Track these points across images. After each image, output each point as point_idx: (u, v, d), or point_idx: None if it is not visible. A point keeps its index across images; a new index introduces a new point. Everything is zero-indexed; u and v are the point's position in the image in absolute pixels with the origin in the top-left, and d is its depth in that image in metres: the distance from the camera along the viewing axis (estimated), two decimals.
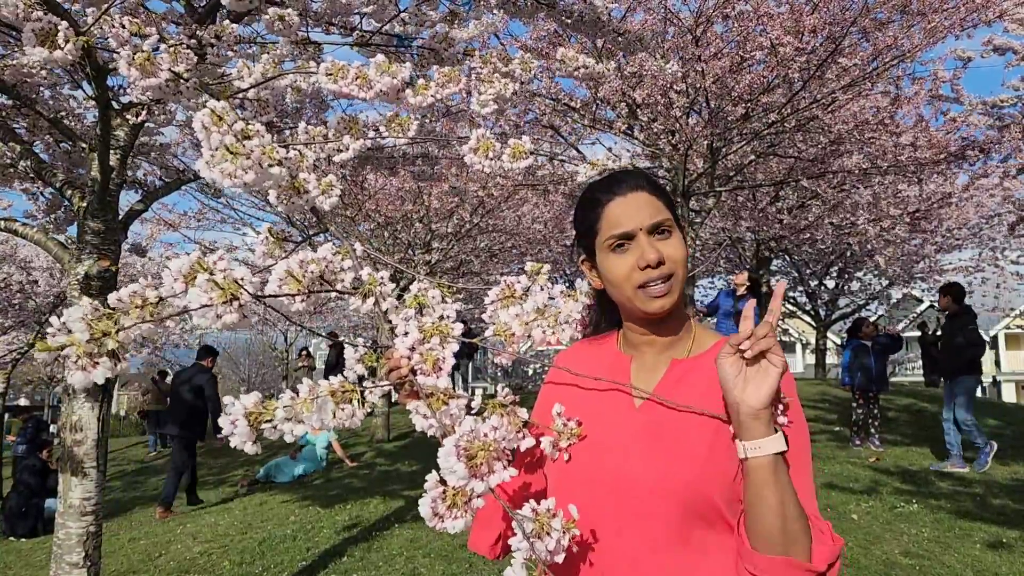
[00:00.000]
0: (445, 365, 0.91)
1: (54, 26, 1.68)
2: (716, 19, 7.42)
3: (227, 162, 0.93)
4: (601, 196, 1.19)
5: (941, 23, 6.89)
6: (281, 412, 0.84)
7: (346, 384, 0.88)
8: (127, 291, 0.85)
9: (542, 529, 0.87)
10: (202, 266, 0.86)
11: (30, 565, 6.18)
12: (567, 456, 1.17)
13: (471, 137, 1.21)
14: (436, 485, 0.86)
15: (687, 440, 1.09)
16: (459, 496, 0.84)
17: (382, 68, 1.16)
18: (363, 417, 0.89)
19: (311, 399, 0.85)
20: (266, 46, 2.65)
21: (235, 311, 0.85)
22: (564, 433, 1.17)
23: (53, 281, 11.39)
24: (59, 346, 0.80)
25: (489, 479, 0.84)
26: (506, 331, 1.07)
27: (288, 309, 0.93)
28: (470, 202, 10.11)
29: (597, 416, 1.18)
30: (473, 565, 4.93)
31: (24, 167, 3.38)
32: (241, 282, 0.86)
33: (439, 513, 0.85)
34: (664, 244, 1.14)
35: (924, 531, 5.46)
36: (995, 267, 13.88)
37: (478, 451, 0.85)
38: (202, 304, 0.84)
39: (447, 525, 0.85)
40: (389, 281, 0.99)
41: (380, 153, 4.14)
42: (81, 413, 3.20)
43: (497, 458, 0.86)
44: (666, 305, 1.13)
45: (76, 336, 0.80)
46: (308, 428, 0.86)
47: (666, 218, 1.15)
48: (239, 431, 0.83)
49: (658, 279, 1.13)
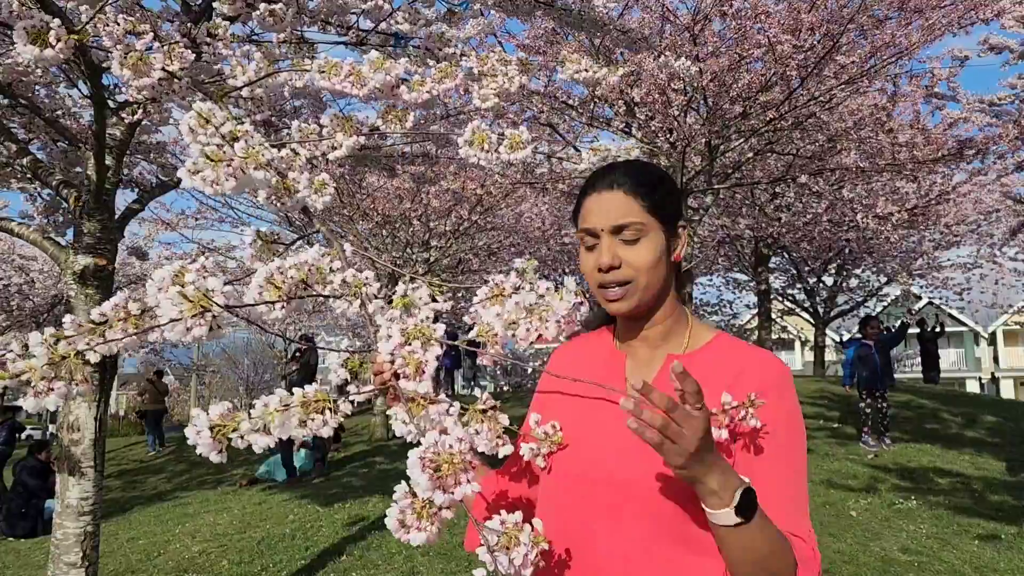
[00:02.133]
0: (427, 368, 0.90)
1: (46, 24, 1.67)
2: (714, 17, 7.41)
3: (208, 169, 0.91)
4: (586, 187, 1.19)
5: (939, 21, 6.88)
6: (246, 425, 0.83)
7: (320, 394, 0.87)
8: (110, 304, 0.84)
9: (510, 541, 0.85)
10: (184, 273, 0.85)
11: (28, 565, 6.17)
12: (547, 466, 1.16)
13: (466, 130, 1.20)
14: (406, 495, 0.84)
15: None
16: (427, 507, 0.83)
17: (376, 65, 1.15)
18: (334, 426, 0.88)
19: (280, 410, 0.84)
20: (261, 44, 2.64)
21: (205, 323, 0.84)
22: (545, 442, 1.16)
23: (50, 282, 11.38)
24: (17, 372, 0.80)
25: (455, 492, 0.82)
26: (488, 331, 1.06)
27: (265, 318, 0.92)
28: (468, 200, 10.09)
29: (590, 413, 1.17)
30: (472, 564, 4.92)
31: (20, 166, 3.37)
32: (211, 294, 0.85)
33: (406, 524, 0.84)
34: (627, 249, 1.12)
35: (922, 528, 5.47)
36: (993, 263, 13.87)
37: (444, 463, 0.83)
38: (171, 319, 0.83)
39: (411, 537, 0.84)
40: (375, 281, 0.98)
41: (378, 152, 4.13)
42: (78, 413, 3.20)
43: (464, 470, 0.83)
44: (621, 309, 1.12)
45: (34, 362, 0.80)
46: (274, 440, 0.85)
47: (633, 221, 1.11)
48: (202, 442, 0.83)
49: (612, 283, 1.11)
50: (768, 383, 1.08)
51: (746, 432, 1.06)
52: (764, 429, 1.06)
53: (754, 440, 1.07)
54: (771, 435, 1.07)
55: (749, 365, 1.12)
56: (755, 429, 1.05)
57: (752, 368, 1.11)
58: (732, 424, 1.04)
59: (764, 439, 1.07)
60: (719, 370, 1.12)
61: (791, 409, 1.10)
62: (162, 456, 12.70)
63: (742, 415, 1.04)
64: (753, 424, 1.04)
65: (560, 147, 9.50)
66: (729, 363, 1.13)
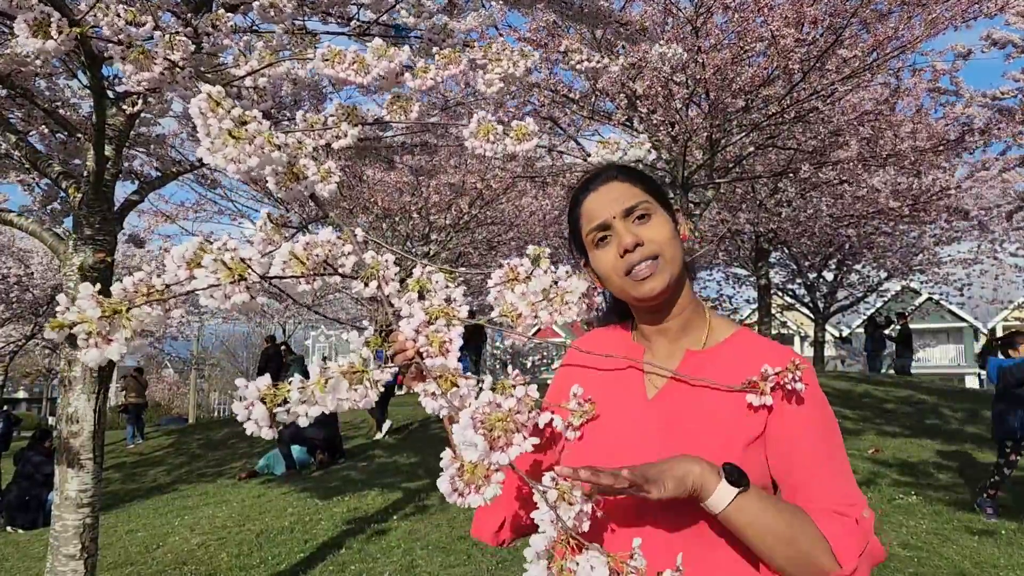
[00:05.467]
0: (452, 346, 0.90)
1: (47, 16, 1.65)
2: (716, 10, 7.39)
3: (230, 147, 0.91)
4: (579, 195, 1.20)
5: (942, 14, 6.87)
6: (296, 394, 0.82)
7: (356, 365, 0.86)
8: (130, 280, 0.82)
9: (563, 498, 0.85)
10: (205, 251, 0.84)
11: (27, 557, 6.17)
12: (580, 435, 1.16)
13: (471, 121, 1.19)
14: (452, 461, 0.84)
15: (699, 432, 1.08)
16: (478, 470, 0.83)
17: (379, 52, 1.14)
18: (375, 398, 0.87)
19: (324, 380, 0.83)
20: (262, 35, 2.62)
21: (243, 291, 0.83)
22: (577, 412, 1.15)
23: (50, 274, 11.37)
24: (70, 322, 0.78)
25: (509, 451, 0.82)
26: (513, 312, 1.06)
27: (295, 290, 0.92)
28: (468, 194, 10.08)
29: (610, 406, 1.17)
30: (472, 557, 4.93)
31: (19, 157, 3.36)
32: (249, 262, 0.84)
33: (458, 489, 0.84)
34: (643, 227, 1.13)
35: (922, 523, 5.47)
36: (994, 259, 13.88)
37: (496, 423, 0.83)
38: (209, 284, 0.82)
39: (468, 500, 0.84)
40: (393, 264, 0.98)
41: (378, 143, 4.12)
42: (77, 405, 3.19)
43: (516, 430, 0.83)
44: (656, 287, 1.11)
45: (87, 313, 0.78)
46: (323, 409, 0.84)
47: (641, 201, 1.14)
48: (256, 415, 0.81)
49: (639, 261, 1.11)
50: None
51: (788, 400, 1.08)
52: (802, 409, 1.08)
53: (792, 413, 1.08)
54: (805, 421, 1.08)
55: (770, 361, 1.11)
56: (797, 393, 1.07)
57: (773, 363, 1.11)
58: (780, 387, 1.06)
59: (799, 428, 1.08)
60: (740, 366, 1.11)
61: (817, 394, 1.11)
62: (161, 449, 12.70)
63: (789, 378, 1.05)
64: (798, 387, 1.06)
65: (561, 141, 9.49)
66: (750, 359, 1.12)
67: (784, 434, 1.08)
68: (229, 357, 38.62)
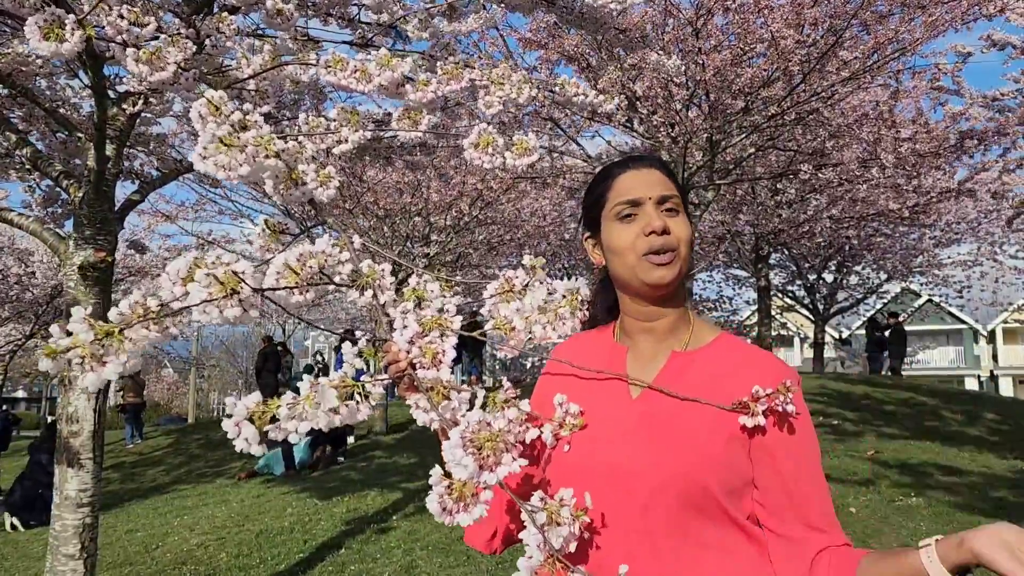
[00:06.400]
0: (445, 358, 0.90)
1: (59, 19, 1.65)
2: (717, 11, 7.39)
3: (221, 154, 0.91)
4: (614, 169, 1.22)
5: (942, 16, 6.86)
6: (285, 411, 0.82)
7: (345, 379, 0.86)
8: (126, 303, 0.83)
9: (552, 519, 0.85)
10: (199, 266, 0.84)
11: (27, 556, 6.17)
12: (567, 446, 1.15)
13: (472, 132, 1.19)
14: (441, 479, 0.84)
15: (683, 431, 1.08)
16: (467, 489, 0.83)
17: (382, 62, 1.14)
18: (368, 412, 0.87)
19: (313, 395, 0.83)
20: (265, 37, 2.63)
21: (236, 305, 0.84)
22: (566, 423, 1.16)
23: (50, 273, 11.36)
24: (63, 349, 0.78)
25: (498, 471, 0.82)
26: (506, 325, 1.06)
27: (287, 302, 0.92)
28: (468, 195, 10.08)
29: (593, 407, 1.17)
30: (471, 558, 4.93)
31: (20, 157, 3.36)
32: (241, 275, 0.84)
33: (448, 508, 0.84)
34: (671, 220, 1.15)
35: (923, 525, 5.47)
36: (993, 261, 13.88)
37: (485, 442, 0.83)
38: (202, 300, 0.82)
39: (458, 519, 0.84)
40: (389, 274, 0.98)
41: (378, 143, 4.12)
42: (77, 404, 3.19)
43: (506, 449, 0.83)
44: (667, 276, 1.12)
45: (79, 337, 0.78)
46: (313, 426, 0.84)
47: (675, 195, 1.17)
48: (246, 434, 0.81)
49: (662, 247, 1.12)
50: (772, 383, 1.07)
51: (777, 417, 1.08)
52: (791, 427, 1.08)
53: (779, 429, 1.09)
54: (793, 442, 1.09)
55: (752, 365, 1.13)
56: (788, 415, 1.07)
57: (755, 368, 1.12)
58: (770, 409, 1.06)
59: (781, 440, 1.08)
60: (724, 370, 1.13)
61: (804, 413, 1.11)
62: (161, 449, 12.70)
63: (779, 400, 1.05)
64: (789, 409, 1.06)
65: (561, 142, 9.48)
66: (734, 363, 1.13)
67: (770, 449, 1.09)
68: (229, 357, 38.57)
